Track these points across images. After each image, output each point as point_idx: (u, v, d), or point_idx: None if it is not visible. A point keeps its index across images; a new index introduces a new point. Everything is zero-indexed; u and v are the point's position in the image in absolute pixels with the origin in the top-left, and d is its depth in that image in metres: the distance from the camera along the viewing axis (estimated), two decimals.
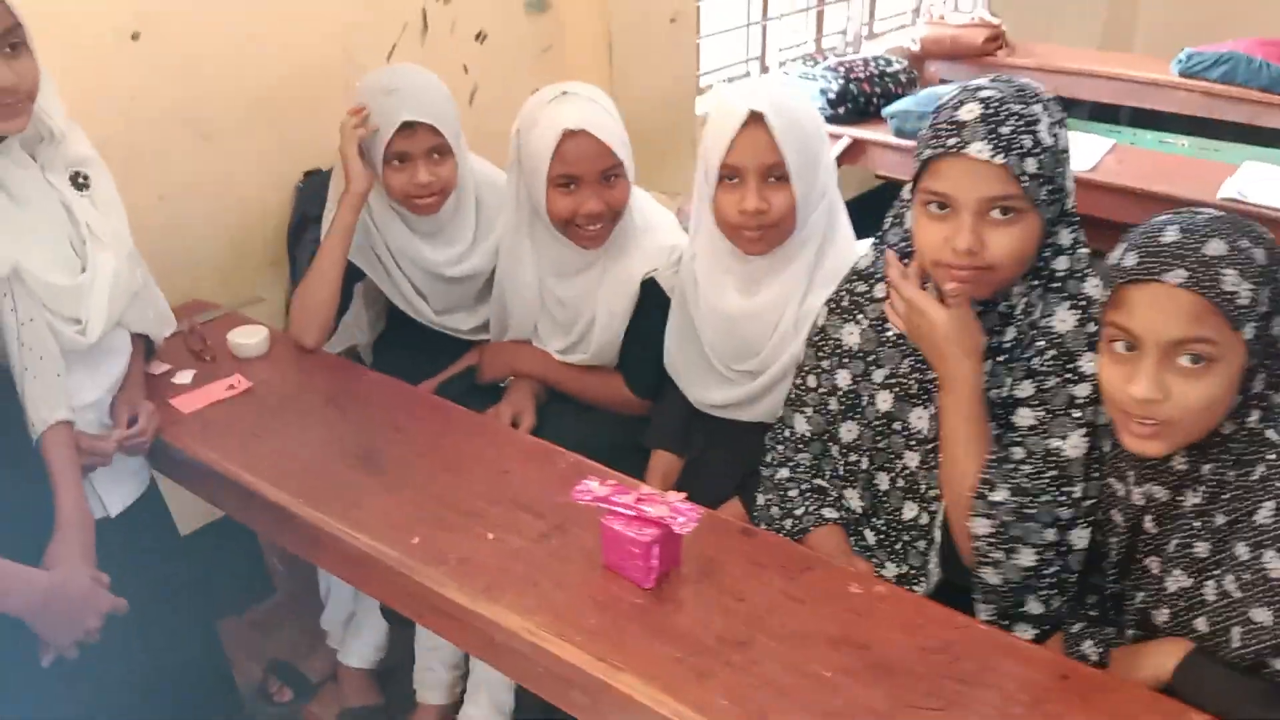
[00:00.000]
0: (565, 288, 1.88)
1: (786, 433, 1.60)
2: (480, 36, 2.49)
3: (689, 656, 1.20)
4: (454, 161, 1.87)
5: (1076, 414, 1.30)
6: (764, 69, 3.82)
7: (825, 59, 3.70)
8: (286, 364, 1.88)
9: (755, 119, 1.51)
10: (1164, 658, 1.16)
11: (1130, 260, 1.11)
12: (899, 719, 1.12)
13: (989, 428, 1.32)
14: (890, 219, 1.45)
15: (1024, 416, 1.32)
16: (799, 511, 1.54)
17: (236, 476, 1.54)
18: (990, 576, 1.30)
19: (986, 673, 1.18)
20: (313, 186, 2.22)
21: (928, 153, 1.28)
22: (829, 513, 1.53)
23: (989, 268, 1.27)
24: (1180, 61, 3.58)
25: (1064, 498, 1.29)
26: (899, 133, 3.32)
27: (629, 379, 1.93)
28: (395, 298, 2.00)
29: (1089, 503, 1.30)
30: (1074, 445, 1.29)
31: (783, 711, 1.12)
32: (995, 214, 1.25)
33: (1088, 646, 1.28)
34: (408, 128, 1.79)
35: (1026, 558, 1.28)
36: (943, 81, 3.88)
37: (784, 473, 1.59)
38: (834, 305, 1.53)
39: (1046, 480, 1.29)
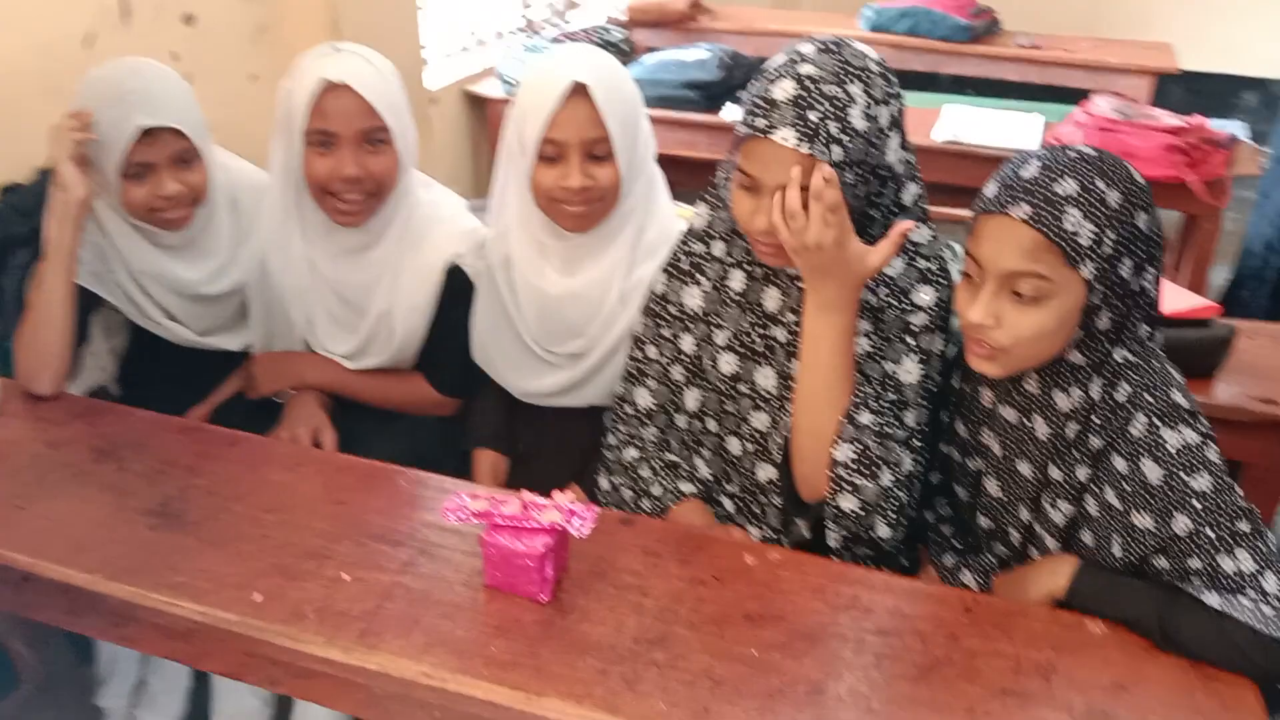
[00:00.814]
0: (342, 271, 1.70)
1: (628, 409, 1.54)
2: (189, 19, 2.20)
3: (612, 666, 1.11)
4: (203, 166, 1.63)
5: (910, 340, 1.32)
6: (480, 43, 3.69)
7: (543, 29, 3.64)
8: (24, 417, 1.56)
9: (578, 90, 1.42)
10: (1054, 576, 1.21)
11: (989, 190, 1.15)
12: (838, 683, 1.10)
13: (854, 357, 1.29)
14: (722, 175, 1.41)
15: (861, 345, 1.32)
16: (656, 490, 1.49)
17: (8, 561, 1.26)
18: (847, 502, 1.27)
19: (899, 619, 1.19)
20: (13, 204, 1.86)
21: (742, 130, 1.25)
22: (686, 486, 1.49)
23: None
24: (868, 18, 3.84)
25: (897, 422, 1.32)
26: None
27: (433, 378, 1.79)
28: (146, 325, 1.72)
29: (920, 430, 1.33)
30: (907, 370, 1.32)
31: (725, 700, 1.07)
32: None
33: (967, 577, 1.33)
34: (147, 135, 1.54)
35: (885, 478, 1.27)
36: (650, 50, 3.92)
37: (632, 452, 1.53)
38: (672, 269, 1.48)
39: (887, 404, 1.31)
